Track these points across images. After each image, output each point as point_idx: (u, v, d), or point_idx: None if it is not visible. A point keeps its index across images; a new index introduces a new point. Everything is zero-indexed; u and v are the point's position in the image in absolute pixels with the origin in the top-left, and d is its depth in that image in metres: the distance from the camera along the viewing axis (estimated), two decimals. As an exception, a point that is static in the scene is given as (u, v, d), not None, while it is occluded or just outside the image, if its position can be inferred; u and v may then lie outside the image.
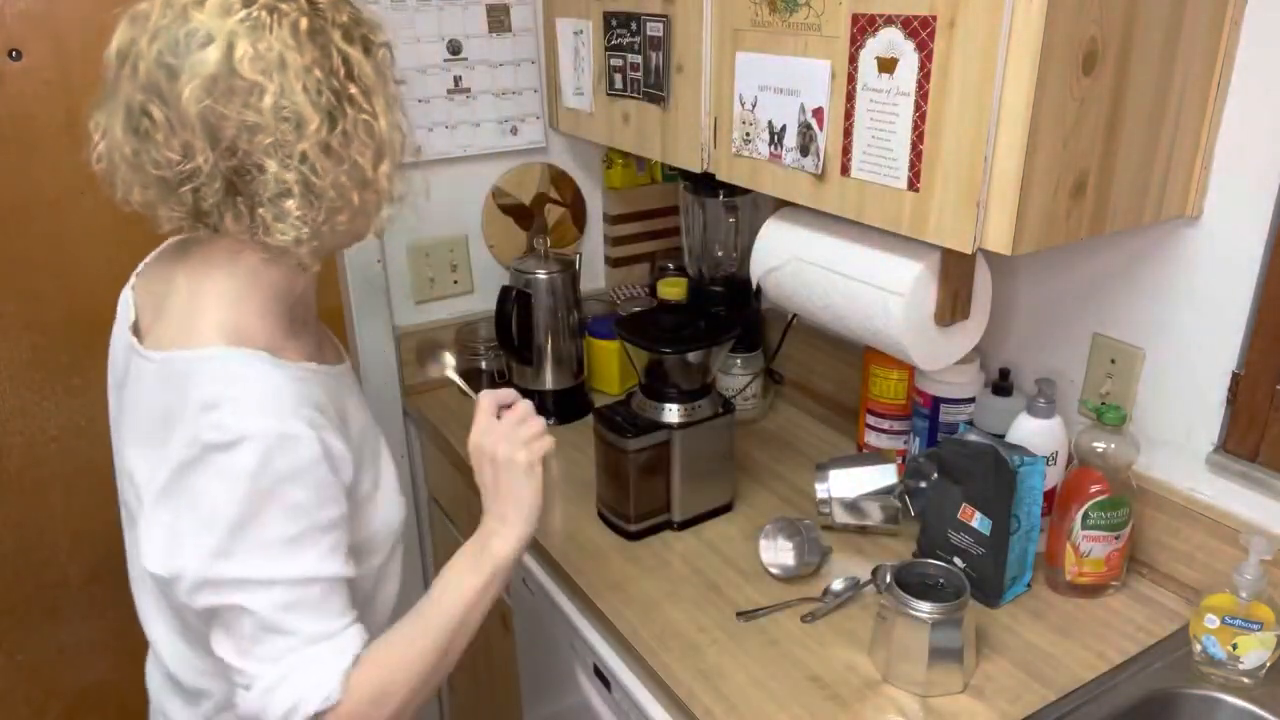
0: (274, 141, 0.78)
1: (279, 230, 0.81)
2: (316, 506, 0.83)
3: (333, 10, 0.82)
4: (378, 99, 0.83)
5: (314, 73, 0.78)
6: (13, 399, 1.56)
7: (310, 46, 0.79)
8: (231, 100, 0.77)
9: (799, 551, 1.26)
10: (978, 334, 1.23)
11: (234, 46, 0.76)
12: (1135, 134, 1.01)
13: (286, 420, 0.81)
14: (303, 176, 0.80)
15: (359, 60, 0.82)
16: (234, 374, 0.82)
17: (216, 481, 0.79)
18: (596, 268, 2.00)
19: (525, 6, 1.73)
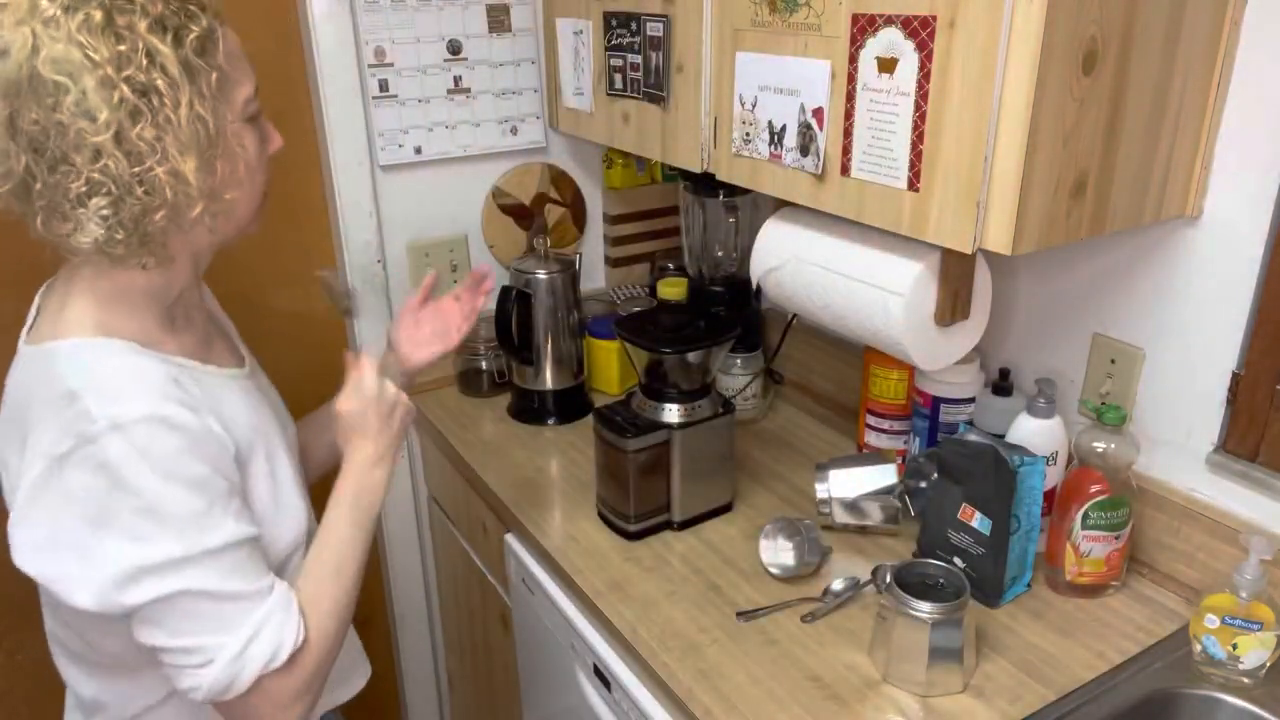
0: (76, 140, 0.78)
1: (90, 230, 0.81)
2: (211, 475, 0.85)
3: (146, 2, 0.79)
4: (184, 92, 0.80)
5: (106, 69, 0.77)
6: (13, 399, 1.56)
7: (108, 42, 0.77)
8: (35, 104, 0.77)
9: (799, 551, 1.26)
10: (978, 334, 1.23)
11: (36, 50, 0.76)
12: (1135, 134, 1.01)
13: (157, 402, 0.82)
14: (107, 173, 0.79)
15: (165, 52, 0.79)
16: (96, 362, 0.84)
17: (100, 475, 0.79)
18: (596, 268, 2.00)
19: (525, 6, 1.73)
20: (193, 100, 0.81)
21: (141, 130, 0.79)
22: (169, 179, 0.81)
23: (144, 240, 0.83)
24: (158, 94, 0.79)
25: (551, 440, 1.66)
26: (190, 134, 0.81)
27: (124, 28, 0.78)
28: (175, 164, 0.81)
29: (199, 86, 0.82)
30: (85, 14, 0.76)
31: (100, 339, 0.85)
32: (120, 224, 0.81)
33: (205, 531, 0.83)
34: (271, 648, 0.87)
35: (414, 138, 1.71)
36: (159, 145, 0.80)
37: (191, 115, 0.81)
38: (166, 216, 0.83)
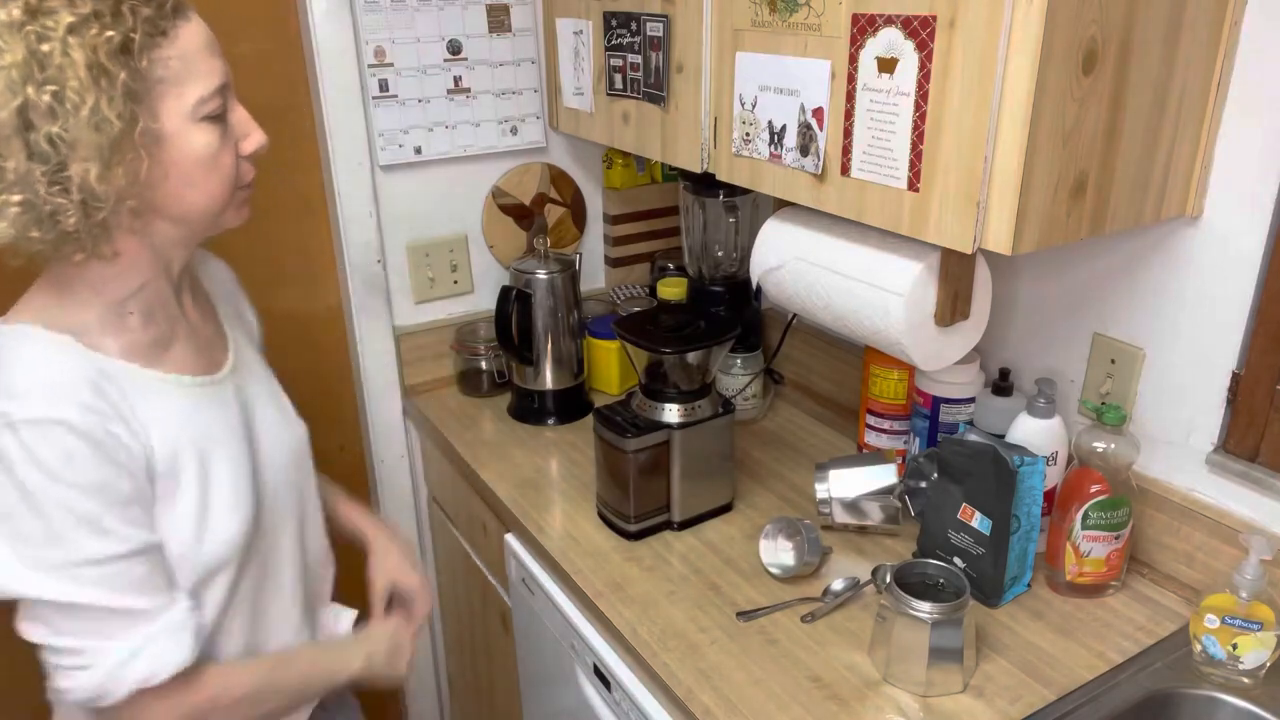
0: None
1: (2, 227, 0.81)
2: (109, 481, 0.84)
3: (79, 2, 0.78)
4: (90, 94, 0.79)
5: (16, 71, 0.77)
6: (13, 399, 1.56)
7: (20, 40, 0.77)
8: None
9: (799, 551, 1.26)
10: (978, 334, 1.23)
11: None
12: (1135, 134, 1.01)
13: (56, 404, 0.82)
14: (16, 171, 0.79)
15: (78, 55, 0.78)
16: (15, 353, 0.84)
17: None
18: (596, 268, 2.00)
19: (525, 6, 1.73)
20: (99, 103, 0.79)
21: (49, 130, 0.78)
22: (81, 179, 0.80)
23: (64, 238, 0.83)
24: (66, 96, 0.78)
25: (551, 440, 1.66)
26: (89, 137, 0.79)
27: (48, 27, 0.77)
28: (88, 165, 0.80)
29: (110, 89, 0.80)
30: (7, 10, 0.77)
31: (31, 328, 0.86)
32: (35, 222, 0.81)
33: (95, 537, 0.83)
34: (151, 666, 0.86)
35: (414, 138, 1.71)
36: (64, 147, 0.79)
37: (94, 119, 0.79)
38: (77, 219, 0.82)
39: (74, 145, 0.79)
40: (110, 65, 0.80)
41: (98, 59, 0.79)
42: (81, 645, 0.85)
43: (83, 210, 0.82)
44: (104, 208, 0.83)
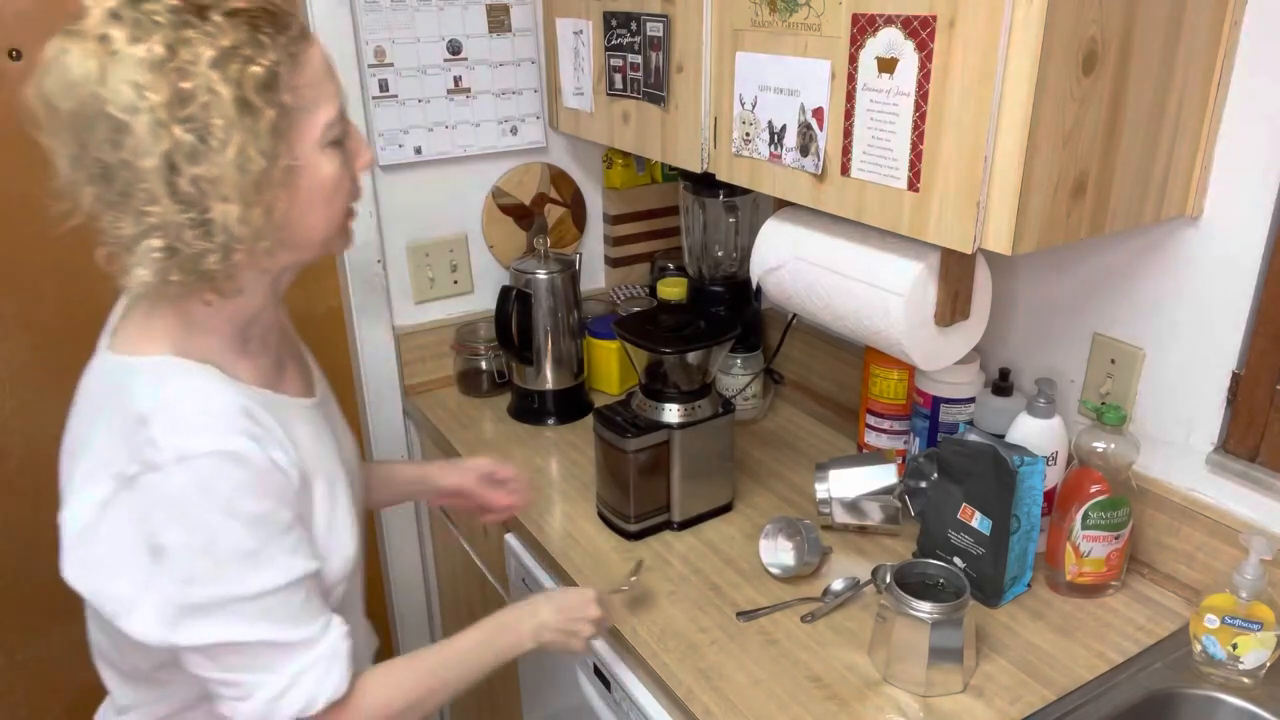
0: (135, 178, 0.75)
1: (140, 273, 0.79)
2: (272, 512, 0.83)
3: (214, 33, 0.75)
4: (242, 131, 0.76)
5: (161, 113, 0.73)
6: (13, 399, 1.56)
7: (165, 79, 0.73)
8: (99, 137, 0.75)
9: (799, 551, 1.26)
10: (978, 334, 1.23)
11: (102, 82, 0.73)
12: (1135, 134, 1.01)
13: (224, 436, 0.80)
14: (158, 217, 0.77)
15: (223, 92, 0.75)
16: (171, 387, 0.82)
17: (161, 506, 0.78)
18: (596, 268, 2.00)
19: (525, 6, 1.73)
20: (245, 142, 0.77)
21: (195, 173, 0.76)
22: (227, 220, 0.78)
23: (203, 278, 0.81)
24: (212, 135, 0.75)
25: (551, 440, 1.66)
26: (253, 175, 0.78)
27: (187, 62, 0.74)
28: (233, 205, 0.78)
29: (255, 127, 0.77)
30: (148, 47, 0.73)
31: (176, 360, 0.84)
32: (177, 266, 0.79)
33: (257, 570, 0.82)
34: (307, 696, 0.86)
35: (414, 138, 1.71)
36: (211, 189, 0.77)
37: (240, 159, 0.77)
38: (220, 259, 0.80)
39: (218, 186, 0.77)
40: (256, 100, 0.77)
41: (244, 94, 0.76)
42: (241, 679, 0.84)
43: (224, 252, 0.79)
44: (243, 247, 0.80)
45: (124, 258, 0.80)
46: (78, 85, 0.74)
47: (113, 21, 0.74)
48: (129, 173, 0.75)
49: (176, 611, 0.80)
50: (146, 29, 0.73)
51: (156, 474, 0.78)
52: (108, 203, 0.78)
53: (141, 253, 0.78)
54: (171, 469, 0.78)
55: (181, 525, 0.78)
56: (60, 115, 0.76)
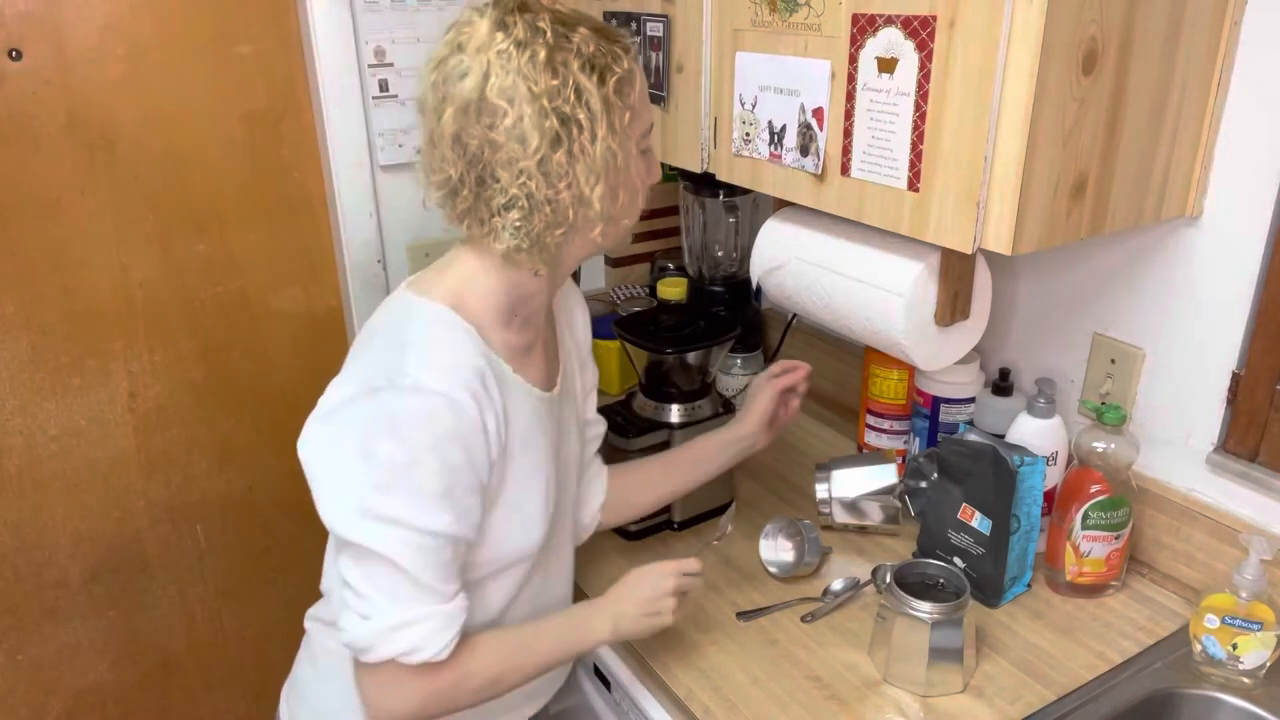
0: (506, 158, 0.88)
1: (503, 238, 0.91)
2: (466, 470, 0.91)
3: (581, 43, 0.90)
4: (601, 125, 0.90)
5: (542, 100, 0.87)
6: (13, 399, 1.56)
7: (546, 75, 0.87)
8: (479, 121, 0.88)
9: (799, 551, 1.26)
10: (978, 334, 1.23)
11: (487, 77, 0.87)
12: (1135, 134, 1.01)
13: (455, 387, 0.90)
14: (526, 190, 0.89)
15: (590, 89, 0.89)
16: (436, 332, 0.94)
17: (385, 419, 0.88)
18: (596, 268, 2.00)
19: (525, 6, 1.73)
20: (606, 134, 0.90)
21: (560, 156, 0.89)
22: (574, 202, 0.91)
23: (541, 250, 0.93)
24: (578, 125, 0.89)
25: (551, 440, 1.66)
26: (602, 164, 0.90)
27: (560, 64, 0.88)
28: (582, 189, 0.91)
29: (613, 122, 0.91)
30: (532, 50, 0.87)
31: (449, 314, 0.95)
32: (527, 234, 0.91)
33: (433, 511, 0.89)
34: (413, 642, 0.92)
35: (414, 138, 1.70)
36: (572, 171, 0.90)
37: (605, 147, 0.90)
38: (565, 234, 0.93)
39: (577, 172, 0.90)
40: (616, 100, 0.91)
41: (607, 94, 0.90)
42: (374, 598, 0.91)
43: (571, 230, 0.93)
44: (593, 229, 0.95)
45: (482, 228, 0.93)
46: (471, 75, 0.88)
47: (501, 27, 0.89)
48: (503, 153, 0.88)
49: (360, 510, 0.88)
50: (532, 35, 0.88)
51: (394, 393, 0.89)
52: (478, 179, 0.91)
53: (503, 223, 0.91)
54: (407, 393, 0.89)
55: (395, 440, 0.87)
56: (449, 101, 0.89)
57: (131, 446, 1.67)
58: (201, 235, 1.64)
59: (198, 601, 1.79)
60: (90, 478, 1.65)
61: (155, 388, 1.66)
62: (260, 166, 1.64)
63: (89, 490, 1.65)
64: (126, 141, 1.54)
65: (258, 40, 1.60)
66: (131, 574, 1.71)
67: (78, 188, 1.52)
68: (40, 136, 1.48)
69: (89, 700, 1.76)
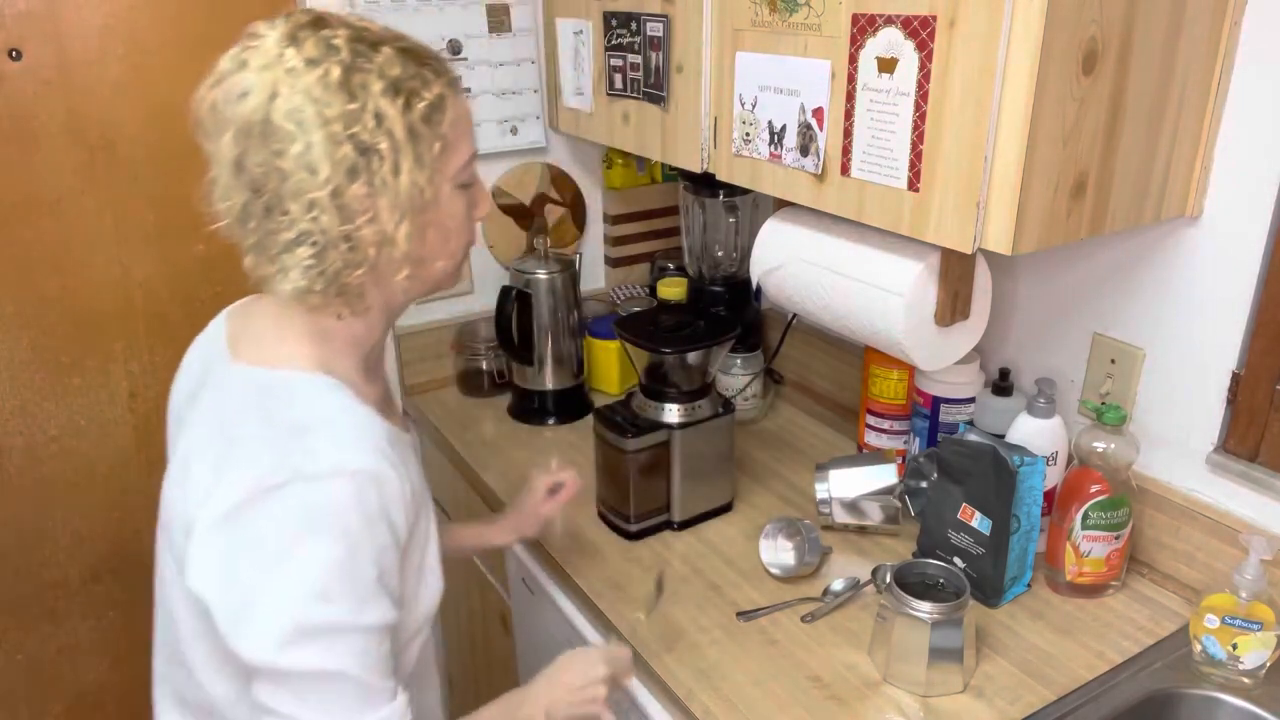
0: (295, 188, 0.79)
1: (291, 278, 0.82)
2: (393, 546, 0.82)
3: (385, 62, 0.81)
4: (405, 156, 0.81)
5: (335, 126, 0.78)
6: (13, 399, 1.56)
7: (339, 98, 0.78)
8: (264, 146, 0.79)
9: (799, 551, 1.26)
10: (978, 334, 1.23)
11: (273, 97, 0.78)
12: (1135, 134, 1.01)
13: (375, 458, 0.80)
14: (318, 225, 0.80)
15: (392, 115, 0.80)
16: (331, 402, 0.83)
17: (303, 516, 0.77)
18: (596, 268, 2.00)
19: (525, 6, 1.73)
20: (412, 166, 0.82)
21: (357, 189, 0.80)
22: (376, 239, 0.82)
23: (340, 292, 0.84)
24: (379, 156, 0.80)
25: (551, 440, 1.66)
26: (407, 199, 0.82)
27: (358, 86, 0.79)
28: (384, 226, 0.82)
29: (420, 153, 0.82)
30: (325, 69, 0.78)
31: (325, 377, 0.85)
32: (321, 275, 0.82)
33: (374, 604, 0.80)
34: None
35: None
36: (372, 205, 0.81)
37: (410, 181, 0.82)
38: (366, 274, 0.84)
39: (378, 207, 0.81)
40: (422, 130, 0.82)
41: (411, 122, 0.81)
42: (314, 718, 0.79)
43: (372, 268, 0.84)
44: (392, 268, 0.85)
45: (267, 267, 0.83)
46: (253, 94, 0.78)
47: (292, 43, 0.79)
48: (291, 183, 0.79)
49: (294, 629, 0.76)
50: (324, 53, 0.79)
51: (310, 484, 0.77)
52: (265, 209, 0.81)
53: (291, 262, 0.81)
54: (328, 480, 0.77)
55: (327, 536, 0.77)
56: (229, 123, 0.80)
57: (131, 446, 1.67)
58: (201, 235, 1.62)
59: (198, 601, 1.79)
60: (90, 478, 1.65)
61: (155, 388, 1.66)
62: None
63: (89, 490, 1.65)
64: (126, 141, 1.54)
65: (258, 40, 1.59)
66: (131, 574, 1.71)
67: (78, 188, 1.52)
68: (40, 136, 1.48)
69: (89, 700, 1.75)
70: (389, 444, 0.83)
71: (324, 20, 0.82)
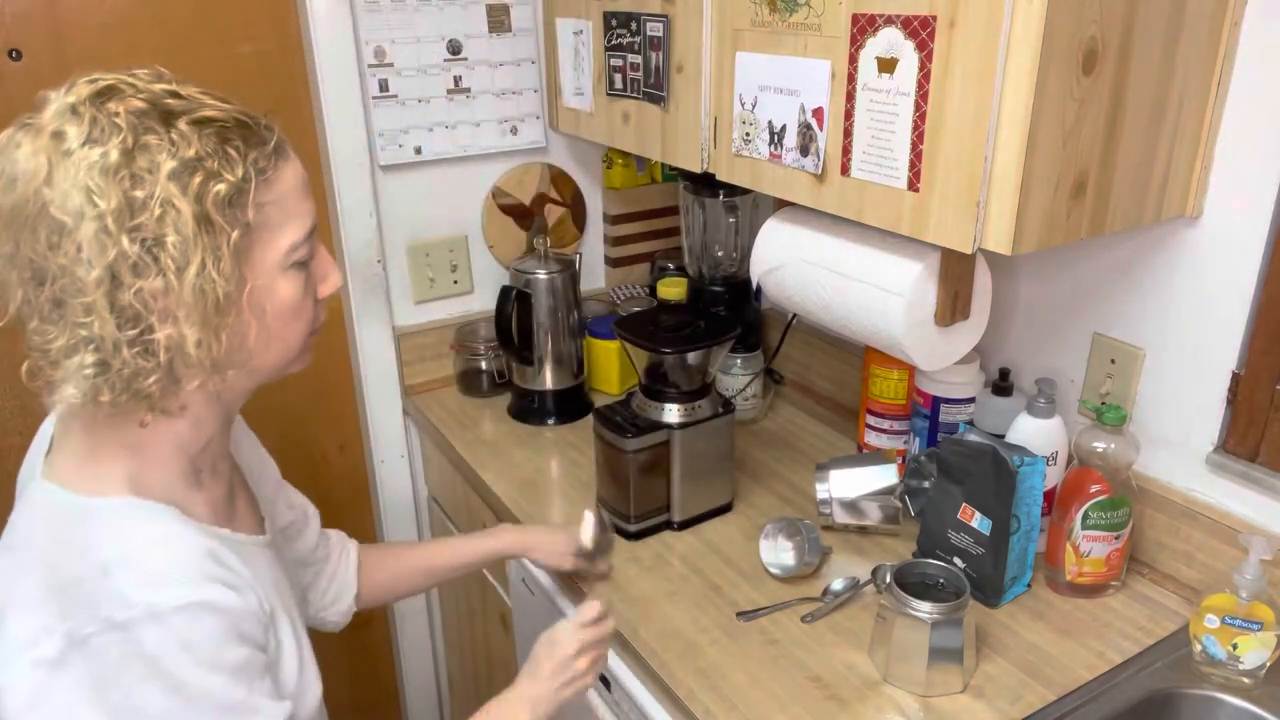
0: (71, 289, 0.70)
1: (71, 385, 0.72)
2: (250, 656, 0.77)
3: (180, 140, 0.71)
4: (195, 250, 0.71)
5: (109, 219, 0.68)
6: (13, 399, 1.56)
7: (119, 185, 0.69)
8: (36, 240, 0.70)
9: (799, 551, 1.26)
10: (978, 334, 1.23)
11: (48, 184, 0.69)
12: (1135, 134, 1.01)
13: (198, 586, 0.74)
14: (93, 333, 0.70)
15: (179, 205, 0.70)
16: (137, 535, 0.75)
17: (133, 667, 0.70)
18: (596, 268, 2.00)
19: (525, 6, 1.73)
20: (205, 262, 0.71)
21: (140, 288, 0.70)
22: (166, 343, 0.72)
23: (137, 398, 0.74)
24: (165, 251, 0.70)
25: (551, 440, 1.66)
26: (194, 301, 0.72)
27: (144, 169, 0.69)
28: (175, 329, 0.72)
29: (216, 246, 0.72)
30: (103, 151, 0.69)
31: (134, 500, 0.77)
32: (108, 384, 0.72)
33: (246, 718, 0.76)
34: None
35: (414, 138, 1.71)
36: (158, 306, 0.71)
37: (199, 281, 0.71)
38: (160, 381, 0.74)
39: (168, 307, 0.72)
40: (219, 219, 0.72)
41: (205, 211, 0.71)
42: None
43: (168, 373, 0.74)
44: (194, 372, 0.75)
45: (50, 372, 0.74)
46: (23, 180, 0.69)
47: (71, 118, 0.70)
48: (67, 280, 0.70)
49: None
50: (105, 130, 0.69)
51: (123, 633, 0.70)
52: (39, 310, 0.72)
53: (71, 368, 0.72)
54: (145, 626, 0.70)
55: (158, 687, 0.70)
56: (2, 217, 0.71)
57: (131, 446, 1.67)
58: (201, 235, 1.64)
59: (198, 601, 1.79)
60: (90, 478, 1.65)
61: (155, 388, 1.66)
62: (260, 166, 1.64)
63: (89, 490, 1.65)
64: (126, 141, 1.54)
65: (258, 40, 1.60)
66: (131, 574, 1.71)
67: (78, 188, 1.52)
68: (40, 136, 1.48)
69: (89, 700, 1.75)
70: (215, 562, 0.76)
71: (114, 90, 0.72)
